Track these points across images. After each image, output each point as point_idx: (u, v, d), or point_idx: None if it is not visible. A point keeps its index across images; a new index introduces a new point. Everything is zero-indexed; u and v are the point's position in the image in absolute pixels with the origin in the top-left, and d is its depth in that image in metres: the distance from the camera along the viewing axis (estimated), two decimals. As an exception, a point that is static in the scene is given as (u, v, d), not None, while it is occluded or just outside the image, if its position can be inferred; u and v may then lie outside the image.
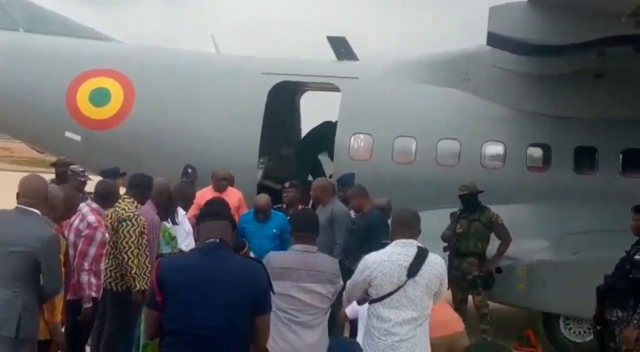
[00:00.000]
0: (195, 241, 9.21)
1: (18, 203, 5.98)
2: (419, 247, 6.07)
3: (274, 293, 5.01)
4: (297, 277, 5.88)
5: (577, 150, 11.59)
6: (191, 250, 5.17)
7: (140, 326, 8.81)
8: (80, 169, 9.86)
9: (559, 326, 10.83)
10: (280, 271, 5.75)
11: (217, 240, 4.85)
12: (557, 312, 10.82)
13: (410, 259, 5.98)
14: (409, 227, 6.16)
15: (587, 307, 8.70)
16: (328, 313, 6.15)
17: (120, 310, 8.05)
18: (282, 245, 9.59)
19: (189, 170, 11.37)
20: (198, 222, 5.06)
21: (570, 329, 10.83)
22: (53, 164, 12.08)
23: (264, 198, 10.14)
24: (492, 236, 10.64)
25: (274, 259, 5.90)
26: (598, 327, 8.14)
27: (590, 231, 10.84)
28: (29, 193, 6.03)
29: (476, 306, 10.62)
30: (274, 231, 9.93)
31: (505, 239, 10.58)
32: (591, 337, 10.37)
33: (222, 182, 11.06)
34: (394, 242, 6.14)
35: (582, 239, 10.82)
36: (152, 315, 4.83)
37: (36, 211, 5.98)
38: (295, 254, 6.03)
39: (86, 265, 7.52)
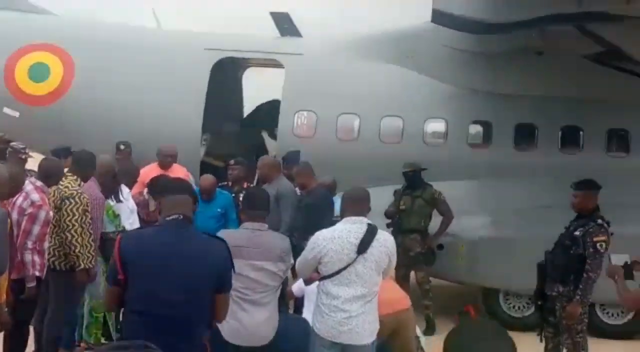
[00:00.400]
0: (140, 217, 9.22)
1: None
2: (369, 224, 6.15)
3: (235, 272, 5.01)
4: (248, 255, 5.90)
5: (518, 127, 11.74)
6: (155, 226, 5.06)
7: (84, 305, 8.77)
8: (21, 146, 9.65)
9: (499, 301, 11.04)
10: (231, 249, 5.75)
11: (181, 216, 4.80)
12: (496, 288, 11.02)
13: (360, 236, 6.05)
14: (359, 205, 6.24)
15: (526, 283, 8.87)
16: (279, 291, 6.19)
17: (64, 289, 7.98)
18: (227, 224, 9.59)
19: (122, 146, 11.17)
20: (159, 195, 4.99)
21: (509, 304, 11.04)
22: (-9, 142, 11.81)
23: (208, 179, 10.07)
24: (435, 212, 10.76)
25: (225, 237, 5.88)
26: (539, 303, 8.30)
27: (530, 207, 11.02)
28: (-28, 171, 5.91)
29: (418, 282, 10.74)
30: (219, 210, 9.88)
31: (447, 216, 10.69)
32: (530, 311, 10.61)
33: (168, 159, 10.94)
34: (344, 220, 6.20)
35: (522, 215, 11.00)
36: (113, 291, 4.76)
37: (-20, 189, 5.88)
38: (246, 232, 6.05)
39: (30, 244, 7.38)
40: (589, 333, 8.05)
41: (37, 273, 7.41)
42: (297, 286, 7.65)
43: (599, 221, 7.79)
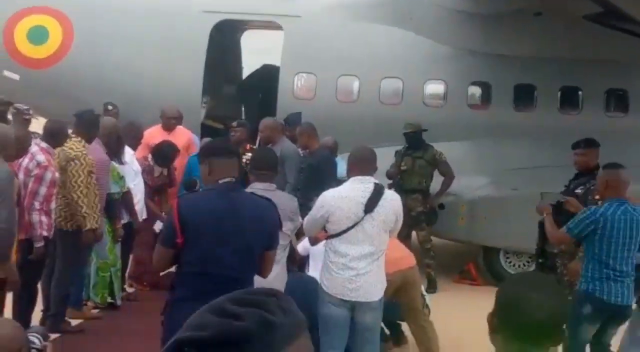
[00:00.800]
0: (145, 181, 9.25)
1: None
2: (375, 183, 6.21)
3: (281, 230, 5.13)
4: (259, 214, 5.95)
5: (517, 88, 11.79)
6: (209, 190, 5.06)
7: (91, 264, 8.86)
8: (25, 107, 9.68)
9: (499, 260, 11.16)
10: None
11: (233, 179, 4.88)
12: (497, 246, 11.14)
13: (368, 195, 6.11)
14: (366, 164, 6.29)
15: (526, 241, 8.98)
16: (287, 250, 6.27)
17: (70, 249, 8.06)
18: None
19: (110, 107, 10.98)
20: (206, 157, 5.03)
21: (510, 262, 11.16)
22: (-9, 104, 11.80)
23: None
24: (436, 172, 10.85)
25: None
26: (540, 260, 8.39)
27: (530, 167, 11.11)
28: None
29: (420, 242, 10.85)
30: (218, 173, 9.88)
31: (448, 176, 10.79)
32: (530, 269, 10.73)
33: (172, 121, 10.84)
34: (351, 179, 6.26)
35: (522, 175, 11.09)
36: (167, 253, 4.84)
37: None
38: (256, 192, 6.09)
39: (37, 204, 7.44)
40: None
41: (44, 233, 7.48)
42: (302, 246, 7.72)
43: (600, 179, 7.85)
